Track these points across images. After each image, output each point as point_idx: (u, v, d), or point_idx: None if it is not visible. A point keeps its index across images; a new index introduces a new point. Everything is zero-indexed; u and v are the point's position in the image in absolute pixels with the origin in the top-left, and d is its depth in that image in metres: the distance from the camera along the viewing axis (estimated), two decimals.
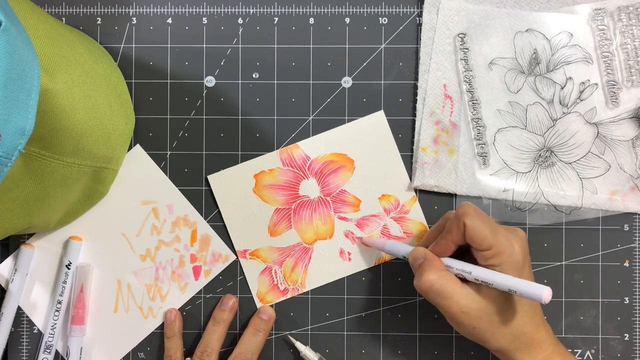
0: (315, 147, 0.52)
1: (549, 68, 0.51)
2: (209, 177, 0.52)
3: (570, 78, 0.51)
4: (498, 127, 0.51)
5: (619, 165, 0.51)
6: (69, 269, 0.51)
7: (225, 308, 0.51)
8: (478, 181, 0.51)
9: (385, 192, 0.52)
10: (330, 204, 0.52)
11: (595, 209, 0.51)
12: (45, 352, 0.51)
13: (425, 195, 0.52)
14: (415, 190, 0.52)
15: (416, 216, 0.52)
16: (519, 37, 0.51)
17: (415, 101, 0.52)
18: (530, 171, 0.51)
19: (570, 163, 0.51)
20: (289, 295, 0.52)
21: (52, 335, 0.51)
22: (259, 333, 0.50)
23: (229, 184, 0.52)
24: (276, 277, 0.52)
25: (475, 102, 0.51)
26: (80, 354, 0.51)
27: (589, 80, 0.51)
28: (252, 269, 0.52)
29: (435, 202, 0.52)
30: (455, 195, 0.52)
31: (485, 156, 0.51)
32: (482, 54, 0.51)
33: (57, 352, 0.52)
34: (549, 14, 0.51)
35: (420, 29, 0.52)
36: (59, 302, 0.51)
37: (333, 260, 0.52)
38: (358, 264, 0.52)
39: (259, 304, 0.52)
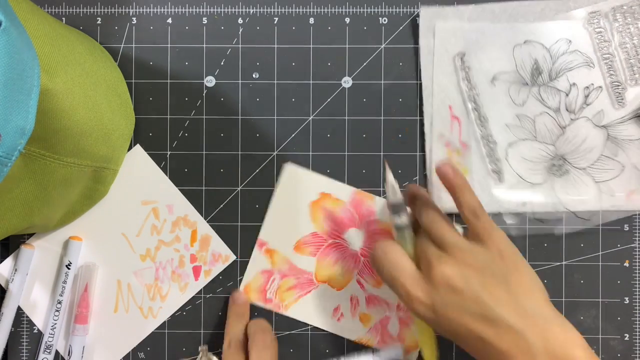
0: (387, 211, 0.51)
1: (552, 77, 0.51)
2: (286, 164, 0.51)
3: (574, 84, 0.51)
4: (508, 141, 0.51)
5: (632, 164, 0.51)
6: (69, 269, 0.51)
7: (240, 302, 0.51)
8: (495, 198, 0.51)
9: None
10: (360, 263, 0.51)
11: (616, 210, 0.51)
12: (45, 352, 0.51)
13: None
14: None
15: None
16: (517, 49, 0.51)
17: (415, 102, 0.52)
18: (545, 181, 0.51)
19: (584, 168, 0.51)
20: (269, 307, 0.52)
21: (52, 335, 0.51)
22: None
23: (297, 183, 0.51)
24: (270, 284, 0.52)
25: (482, 119, 0.51)
26: (83, 354, 0.51)
27: (592, 84, 0.51)
28: (258, 262, 0.52)
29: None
30: None
31: (500, 172, 0.51)
32: (484, 70, 0.51)
33: (57, 352, 0.52)
34: (544, 23, 0.51)
35: (419, 53, 0.52)
36: (59, 302, 0.51)
37: (325, 311, 0.52)
38: (344, 330, 0.52)
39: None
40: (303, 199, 0.52)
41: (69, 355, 0.51)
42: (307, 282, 0.52)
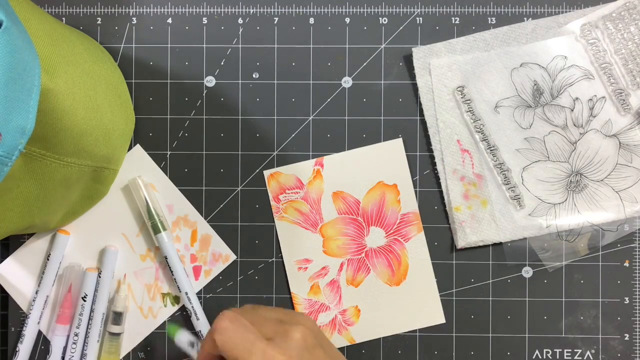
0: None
1: (554, 95, 0.51)
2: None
3: (577, 98, 0.51)
4: (522, 166, 0.51)
5: None
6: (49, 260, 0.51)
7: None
8: (518, 224, 0.51)
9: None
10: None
11: None
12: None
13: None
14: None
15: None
16: (515, 73, 0.51)
17: (415, 102, 0.52)
18: (566, 199, 0.51)
19: (602, 180, 0.51)
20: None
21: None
22: None
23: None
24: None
25: (492, 148, 0.51)
26: (63, 354, 0.51)
27: (595, 95, 0.51)
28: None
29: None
30: (501, 243, 0.51)
31: (519, 198, 0.51)
32: (485, 100, 0.51)
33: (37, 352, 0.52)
34: (537, 43, 0.51)
35: (418, 93, 0.52)
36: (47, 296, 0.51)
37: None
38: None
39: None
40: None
41: (48, 354, 0.50)
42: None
